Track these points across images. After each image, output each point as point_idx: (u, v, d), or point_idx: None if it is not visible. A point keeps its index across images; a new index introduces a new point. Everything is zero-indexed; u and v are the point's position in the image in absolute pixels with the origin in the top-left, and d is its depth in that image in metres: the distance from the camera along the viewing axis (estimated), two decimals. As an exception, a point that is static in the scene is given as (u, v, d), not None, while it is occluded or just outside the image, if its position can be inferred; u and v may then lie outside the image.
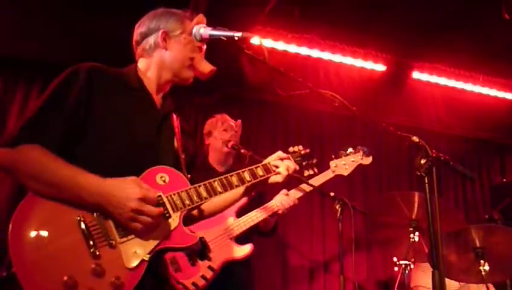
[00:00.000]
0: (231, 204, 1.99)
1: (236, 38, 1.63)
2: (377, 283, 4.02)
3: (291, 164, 1.93)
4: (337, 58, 4.13)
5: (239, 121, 3.05)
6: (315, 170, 2.16)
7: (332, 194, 2.60)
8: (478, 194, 4.86)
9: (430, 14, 3.65)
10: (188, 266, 2.50)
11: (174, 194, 1.58)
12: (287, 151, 2.04)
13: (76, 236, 1.39)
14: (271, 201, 2.74)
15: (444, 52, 4.10)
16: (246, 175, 1.80)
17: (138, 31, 1.76)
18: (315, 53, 4.05)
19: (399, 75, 4.20)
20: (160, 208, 1.49)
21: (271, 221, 2.84)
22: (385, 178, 4.59)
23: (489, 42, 3.91)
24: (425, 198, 1.54)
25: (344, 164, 2.61)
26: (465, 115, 4.76)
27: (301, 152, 2.09)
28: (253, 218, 2.68)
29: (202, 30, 1.71)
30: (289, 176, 1.92)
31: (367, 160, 2.64)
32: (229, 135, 2.96)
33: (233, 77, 3.96)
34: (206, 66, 1.76)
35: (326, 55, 4.09)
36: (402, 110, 4.54)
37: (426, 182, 1.53)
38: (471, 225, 2.55)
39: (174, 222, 1.55)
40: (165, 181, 1.59)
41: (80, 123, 1.51)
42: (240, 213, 2.71)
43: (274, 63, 1.70)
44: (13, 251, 1.33)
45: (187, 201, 1.60)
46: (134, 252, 1.45)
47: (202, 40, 1.72)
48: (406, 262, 2.71)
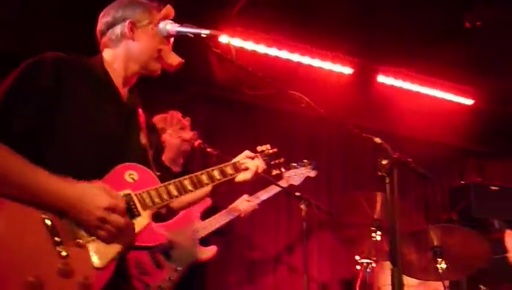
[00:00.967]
0: (198, 201, 2.00)
1: (203, 35, 1.61)
2: (341, 282, 4.09)
3: (259, 163, 1.96)
4: (305, 60, 4.19)
5: (189, 119, 3.03)
6: (282, 170, 2.19)
7: (298, 193, 2.65)
8: (438, 196, 5.04)
9: (396, 19, 3.76)
10: (154, 269, 2.47)
11: (144, 192, 1.55)
12: (255, 150, 2.06)
13: (42, 236, 1.34)
14: (233, 204, 2.81)
15: (408, 57, 4.24)
16: (216, 173, 1.80)
17: (103, 20, 1.69)
18: (284, 54, 4.09)
19: (365, 78, 4.30)
20: (126, 219, 1.45)
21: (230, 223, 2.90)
22: (350, 179, 4.68)
23: (450, 49, 4.07)
24: (386, 198, 1.58)
25: (295, 175, 2.92)
26: (427, 119, 4.92)
27: (269, 151, 2.11)
28: (218, 220, 2.73)
29: (169, 26, 1.67)
30: (257, 175, 1.95)
31: (313, 173, 2.97)
32: (191, 134, 2.93)
33: (201, 75, 3.95)
34: (174, 58, 1.72)
35: (295, 56, 4.14)
36: (368, 113, 4.64)
37: (387, 182, 1.57)
38: (430, 225, 2.64)
39: (144, 220, 1.52)
40: (134, 179, 1.56)
41: (46, 117, 1.44)
42: (205, 215, 2.74)
43: (242, 63, 1.71)
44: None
45: (157, 199, 1.57)
46: (102, 251, 1.40)
47: (169, 36, 1.70)
48: (368, 261, 2.77)
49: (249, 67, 1.77)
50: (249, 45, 3.91)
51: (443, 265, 2.60)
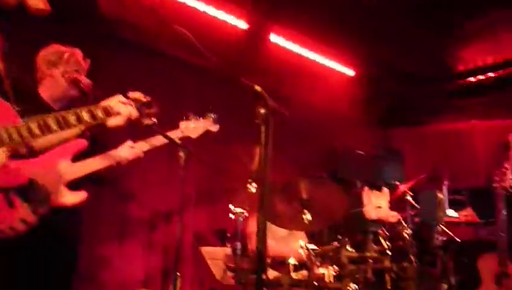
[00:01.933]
0: (64, 142, 1.85)
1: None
2: (215, 231, 4.20)
3: (132, 110, 1.89)
4: (201, 6, 4.06)
5: (89, 61, 2.74)
6: (154, 120, 2.12)
7: (178, 140, 2.59)
8: (312, 156, 5.41)
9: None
10: (6, 208, 2.23)
11: (1, 128, 1.39)
12: (127, 97, 1.98)
13: None
14: (114, 150, 2.61)
15: (302, 22, 4.35)
16: (85, 115, 1.69)
17: None
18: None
19: (258, 35, 4.32)
20: None
21: (110, 171, 2.71)
22: (235, 131, 4.73)
23: (342, 18, 4.27)
24: (260, 145, 1.63)
25: (194, 127, 2.70)
26: (310, 84, 5.18)
27: (142, 99, 2.04)
28: (92, 165, 2.47)
29: None
30: (129, 121, 1.88)
31: (215, 127, 2.79)
32: (87, 82, 2.56)
33: (86, 8, 3.57)
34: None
35: (190, 2, 3.99)
36: (256, 70, 4.70)
37: (263, 131, 1.62)
38: (299, 177, 2.81)
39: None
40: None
41: None
42: (78, 158, 2.51)
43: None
44: None
45: (15, 135, 1.42)
46: None
47: None
48: (241, 210, 2.88)
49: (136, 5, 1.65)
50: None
51: (308, 216, 2.81)
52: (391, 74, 6.12)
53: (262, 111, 1.66)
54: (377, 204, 3.67)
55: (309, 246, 2.57)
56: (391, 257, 2.98)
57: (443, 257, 4.09)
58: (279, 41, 4.64)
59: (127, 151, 2.57)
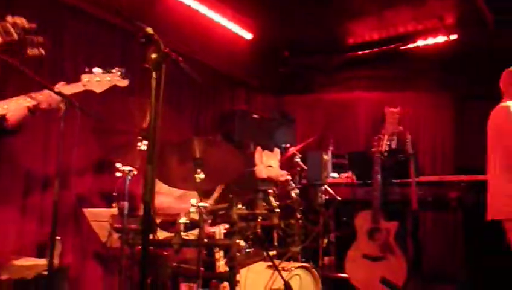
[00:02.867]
0: None
1: None
2: (101, 193, 3.94)
3: (11, 30, 1.65)
4: None
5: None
6: (42, 51, 1.90)
7: (57, 90, 2.32)
8: (208, 118, 5.38)
9: None
10: None
11: None
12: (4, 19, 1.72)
13: None
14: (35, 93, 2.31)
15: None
16: None
17: None
18: None
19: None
20: None
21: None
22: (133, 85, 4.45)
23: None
24: (150, 93, 1.53)
25: (98, 81, 2.53)
26: (209, 44, 5.08)
27: (24, 25, 1.79)
28: None
29: None
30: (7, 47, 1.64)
31: (123, 82, 2.62)
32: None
33: None
34: None
35: None
36: (158, 28, 4.47)
37: (154, 77, 1.51)
38: (194, 137, 2.75)
39: None
40: None
41: None
42: None
43: None
44: None
45: None
46: None
47: None
48: (129, 168, 2.73)
49: None
50: None
51: (201, 175, 2.78)
52: (286, 44, 6.32)
53: (153, 56, 1.55)
54: (268, 163, 3.78)
55: (200, 205, 2.55)
56: (279, 215, 3.12)
57: (325, 215, 4.43)
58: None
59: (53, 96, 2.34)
